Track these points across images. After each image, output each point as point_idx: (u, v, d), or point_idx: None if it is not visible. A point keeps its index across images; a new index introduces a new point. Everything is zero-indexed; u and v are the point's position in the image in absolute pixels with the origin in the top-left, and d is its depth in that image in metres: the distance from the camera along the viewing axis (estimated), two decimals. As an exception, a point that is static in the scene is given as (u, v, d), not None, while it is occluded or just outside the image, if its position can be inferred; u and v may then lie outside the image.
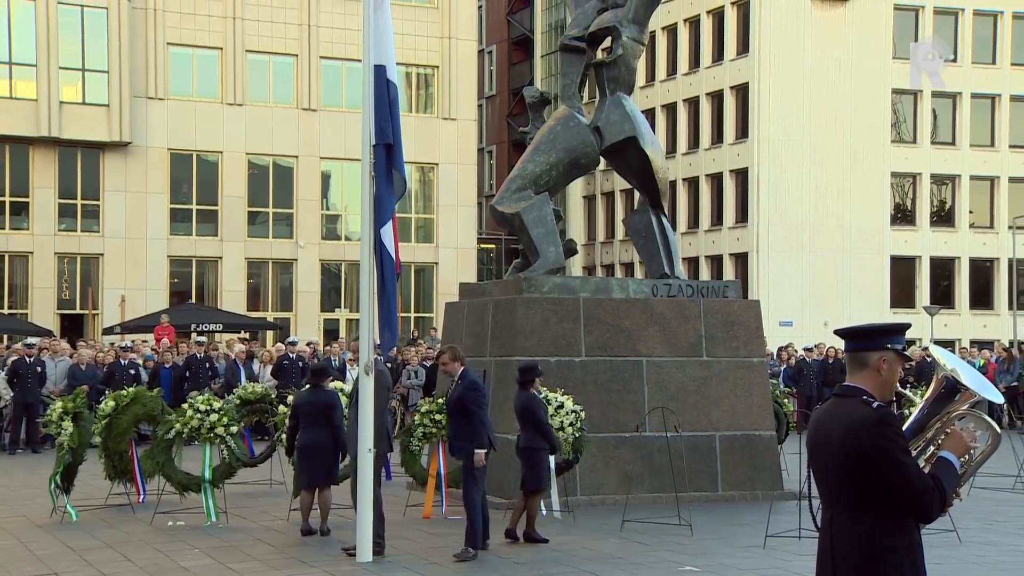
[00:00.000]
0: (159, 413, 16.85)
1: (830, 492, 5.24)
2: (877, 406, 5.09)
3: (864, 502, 5.07)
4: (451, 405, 13.59)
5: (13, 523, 16.02)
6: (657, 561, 13.11)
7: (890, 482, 4.98)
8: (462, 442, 13.35)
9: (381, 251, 12.96)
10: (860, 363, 5.27)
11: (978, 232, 59.47)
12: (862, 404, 5.12)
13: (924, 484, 4.99)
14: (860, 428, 5.04)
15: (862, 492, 5.07)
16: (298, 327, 46.29)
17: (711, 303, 18.69)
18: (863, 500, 5.07)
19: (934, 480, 5.02)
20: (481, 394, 13.44)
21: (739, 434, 18.26)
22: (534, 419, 14.04)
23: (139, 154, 47.01)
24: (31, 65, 45.42)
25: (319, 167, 49.70)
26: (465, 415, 13.25)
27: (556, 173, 19.19)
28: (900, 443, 5.02)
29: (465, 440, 13.28)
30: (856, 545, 5.08)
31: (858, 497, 5.08)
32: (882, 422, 5.02)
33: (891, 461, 4.97)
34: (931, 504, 5.00)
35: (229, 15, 48.23)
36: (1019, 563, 13.32)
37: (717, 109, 59.35)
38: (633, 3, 19.30)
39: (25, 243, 46.03)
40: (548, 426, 14.33)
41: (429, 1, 51.23)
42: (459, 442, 13.42)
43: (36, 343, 29.31)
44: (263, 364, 30.07)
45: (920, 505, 5.00)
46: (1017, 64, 59.77)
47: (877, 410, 5.06)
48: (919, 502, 4.99)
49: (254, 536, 14.61)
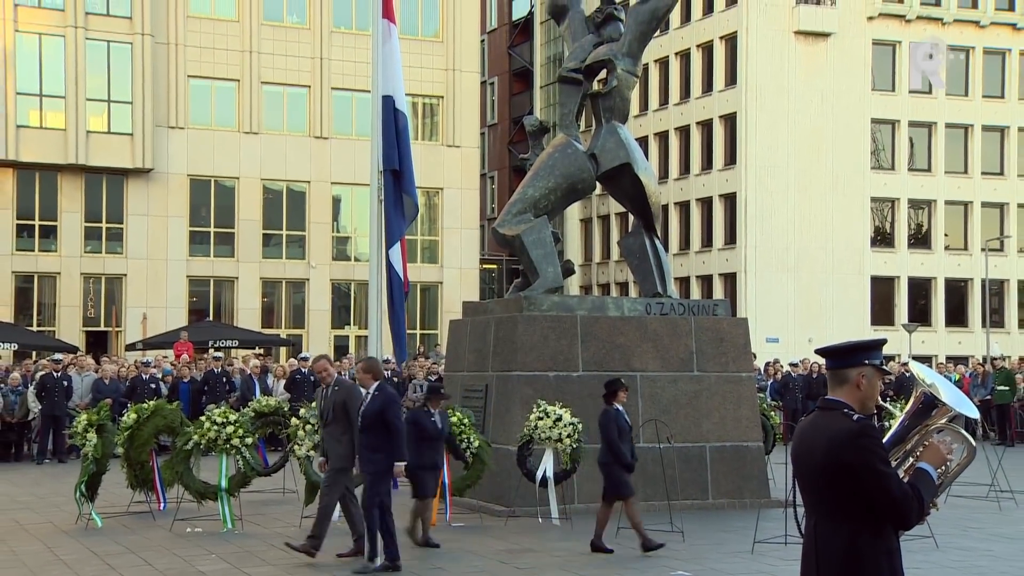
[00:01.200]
0: (178, 425, 16.82)
1: (813, 500, 5.22)
2: (857, 419, 5.08)
3: (845, 510, 5.05)
4: (368, 418, 12.64)
5: (41, 529, 16.01)
6: (650, 566, 13.06)
7: (870, 491, 4.97)
8: (376, 455, 12.50)
9: (390, 271, 12.94)
10: (841, 379, 5.26)
11: (953, 254, 59.47)
12: (843, 417, 5.10)
13: (903, 493, 4.98)
14: (841, 440, 5.02)
15: (843, 500, 5.05)
16: (310, 343, 46.24)
17: (701, 321, 18.67)
18: (844, 508, 5.05)
19: (912, 489, 5.01)
20: (399, 406, 12.94)
21: (728, 445, 18.22)
22: (604, 435, 13.82)
23: (160, 180, 47.06)
24: (60, 97, 45.55)
25: (330, 192, 49.73)
26: (383, 428, 12.48)
27: (554, 197, 19.17)
28: (879, 454, 5.01)
29: (379, 453, 12.49)
30: (838, 550, 5.06)
31: (839, 505, 5.07)
32: (862, 434, 5.01)
33: (871, 471, 4.96)
34: (909, 512, 4.99)
35: (246, 49, 48.33)
36: (993, 567, 13.27)
37: (707, 137, 59.40)
38: (627, 37, 19.32)
39: (53, 264, 46.06)
40: (617, 443, 13.79)
41: (434, 35, 51.33)
42: (373, 454, 12.52)
43: (63, 359, 29.29)
44: (277, 379, 30.03)
45: (898, 513, 4.99)
46: (988, 96, 59.90)
47: (857, 423, 5.05)
48: (897, 510, 4.98)
49: (268, 542, 14.56)
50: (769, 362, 34.87)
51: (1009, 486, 19.48)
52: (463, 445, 16.20)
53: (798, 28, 56.50)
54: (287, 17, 49.46)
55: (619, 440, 13.79)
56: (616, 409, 13.98)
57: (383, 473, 12.56)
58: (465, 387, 18.79)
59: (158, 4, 46.83)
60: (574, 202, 21.66)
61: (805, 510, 5.28)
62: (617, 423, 13.90)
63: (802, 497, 5.33)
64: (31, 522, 16.72)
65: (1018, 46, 60.28)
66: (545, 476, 16.18)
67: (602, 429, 13.89)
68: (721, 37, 58.13)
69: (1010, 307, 60.38)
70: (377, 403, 12.62)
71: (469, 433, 16.24)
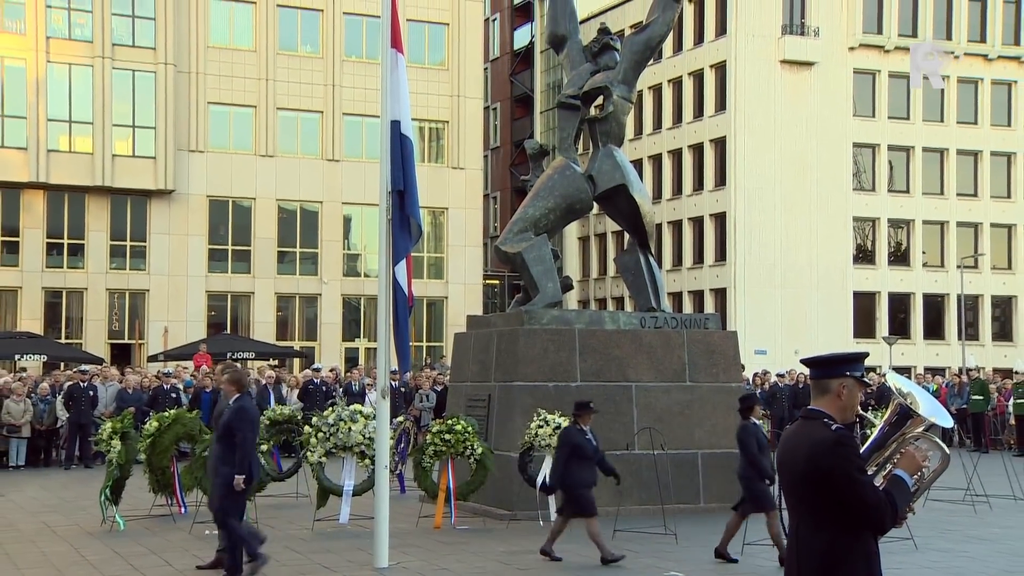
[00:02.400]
0: (197, 432, 16.81)
1: (795, 505, 5.21)
2: (836, 428, 5.06)
3: (825, 514, 5.03)
4: (220, 429, 12.09)
5: (68, 531, 15.98)
6: (645, 566, 13.02)
7: (846, 497, 4.95)
8: (224, 467, 11.86)
9: (395, 287, 12.91)
10: (823, 389, 5.24)
11: (930, 271, 59.44)
12: (823, 427, 5.08)
13: (877, 499, 4.96)
14: (820, 448, 5.01)
15: (823, 505, 5.03)
16: (322, 355, 46.21)
17: (693, 334, 18.64)
18: (824, 513, 5.03)
19: (887, 495, 5.00)
20: (249, 421, 12.15)
21: (719, 452, 18.17)
22: (743, 448, 13.41)
23: (181, 201, 47.11)
24: (88, 123, 45.66)
25: (341, 211, 49.74)
26: (230, 440, 11.91)
27: (554, 217, 19.17)
28: (855, 462, 4.99)
29: (228, 466, 11.84)
30: (818, 553, 5.04)
31: (819, 510, 5.05)
32: (839, 443, 4.99)
33: (847, 478, 4.94)
34: (883, 517, 4.98)
35: (262, 77, 48.42)
36: (969, 567, 13.23)
37: (698, 160, 59.44)
38: (623, 66, 19.34)
39: (80, 280, 46.09)
40: (757, 456, 13.28)
41: (440, 64, 51.41)
42: (222, 466, 11.89)
43: (89, 370, 29.30)
44: (290, 388, 29.99)
45: (873, 518, 4.97)
46: (962, 122, 59.98)
47: (835, 432, 5.03)
48: (872, 515, 4.96)
49: (282, 544, 14.50)
50: (758, 373, 34.79)
51: (984, 491, 19.48)
52: (467, 452, 16.15)
53: (784, 57, 56.58)
54: (301, 47, 49.54)
55: (759, 453, 13.32)
56: (754, 423, 13.64)
57: (231, 485, 11.86)
58: (469, 397, 18.76)
59: (180, 35, 46.96)
60: (572, 221, 21.65)
61: (788, 514, 5.27)
62: (756, 437, 13.45)
63: (785, 501, 5.32)
64: (59, 524, 16.70)
65: (990, 76, 60.37)
66: (544, 481, 16.13)
67: (742, 444, 13.45)
68: (711, 66, 58.21)
69: (984, 321, 60.33)
70: (229, 415, 12.04)
71: (473, 440, 16.20)
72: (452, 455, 16.12)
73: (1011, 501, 19.19)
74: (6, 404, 26.40)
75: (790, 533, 5.27)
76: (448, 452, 16.19)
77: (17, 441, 26.88)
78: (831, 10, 57.67)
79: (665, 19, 19.56)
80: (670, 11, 19.55)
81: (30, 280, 45.41)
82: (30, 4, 44.90)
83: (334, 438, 15.90)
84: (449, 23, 51.55)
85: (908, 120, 59.05)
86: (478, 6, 53.13)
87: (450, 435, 16.07)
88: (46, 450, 27.87)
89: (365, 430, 15.70)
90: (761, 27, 56.65)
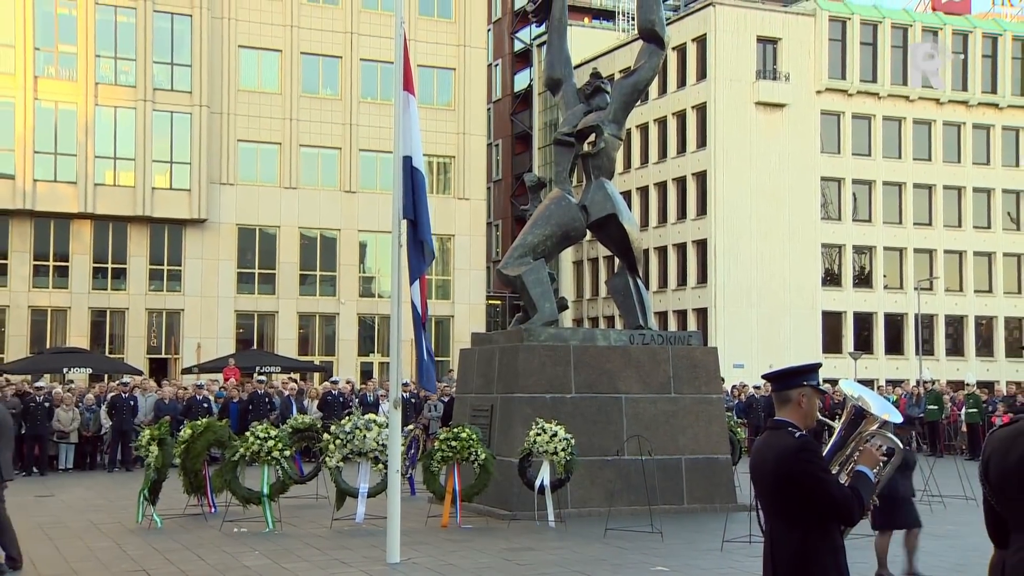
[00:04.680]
0: (227, 439, 16.75)
1: (767, 506, 5.23)
2: (799, 435, 5.08)
3: (794, 514, 5.04)
4: None
5: (111, 528, 15.93)
6: (634, 563, 12.93)
7: (814, 496, 4.96)
8: None
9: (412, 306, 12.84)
10: (784, 399, 5.27)
11: (890, 292, 59.40)
12: (788, 435, 5.10)
13: (843, 494, 4.98)
14: (786, 454, 5.02)
15: (792, 506, 5.03)
16: (339, 369, 46.12)
17: (677, 350, 18.58)
18: (793, 513, 5.04)
19: (853, 490, 5.02)
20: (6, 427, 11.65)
21: (701, 457, 18.09)
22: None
23: (213, 229, 47.12)
24: (130, 159, 45.83)
25: (357, 238, 49.74)
26: None
27: (551, 243, 19.13)
28: (819, 464, 5.01)
29: None
30: (789, 550, 5.04)
31: (789, 510, 5.06)
32: (803, 448, 5.01)
33: (813, 478, 4.95)
34: (851, 510, 4.99)
35: (287, 117, 48.51)
36: (926, 561, 13.12)
37: (681, 191, 59.45)
38: (613, 106, 19.35)
39: (122, 301, 46.08)
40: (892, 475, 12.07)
41: (447, 104, 51.48)
42: None
43: (130, 382, 29.23)
44: (311, 399, 29.91)
45: (841, 511, 4.98)
46: (918, 159, 60.05)
47: (799, 439, 5.06)
48: (840, 509, 4.97)
49: (303, 541, 14.44)
50: (736, 385, 34.76)
51: (939, 491, 19.44)
52: (471, 458, 16.06)
53: (758, 99, 56.66)
54: (322, 89, 49.62)
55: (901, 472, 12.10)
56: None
57: None
58: (473, 407, 18.69)
59: (213, 80, 47.08)
60: (567, 247, 21.61)
61: (763, 516, 5.25)
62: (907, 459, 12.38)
63: (759, 503, 5.30)
64: (103, 522, 16.64)
65: (941, 118, 60.52)
66: (542, 484, 16.05)
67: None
68: (693, 106, 58.28)
69: (938, 338, 60.29)
70: None
71: (477, 447, 16.12)
72: (458, 460, 16.04)
73: (963, 501, 19.11)
74: (56, 413, 26.39)
75: (765, 534, 5.27)
76: (454, 457, 16.11)
77: (66, 446, 26.88)
78: (800, 58, 57.85)
79: (651, 65, 19.58)
80: (655, 58, 19.57)
81: (78, 301, 45.44)
82: (81, 54, 45.32)
83: (351, 445, 15.84)
84: (456, 68, 51.65)
85: (870, 157, 59.15)
86: (482, 53, 53.21)
87: (456, 442, 16.00)
88: (91, 454, 27.80)
89: (379, 437, 15.63)
90: (737, 73, 56.78)
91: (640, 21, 19.91)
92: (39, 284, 45.30)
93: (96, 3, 45.56)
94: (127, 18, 46.15)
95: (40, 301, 45.23)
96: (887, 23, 59.56)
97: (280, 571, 12.27)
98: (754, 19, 57.63)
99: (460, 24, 51.87)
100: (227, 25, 47.81)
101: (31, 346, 44.33)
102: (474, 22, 52.31)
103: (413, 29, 48.38)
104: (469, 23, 52.05)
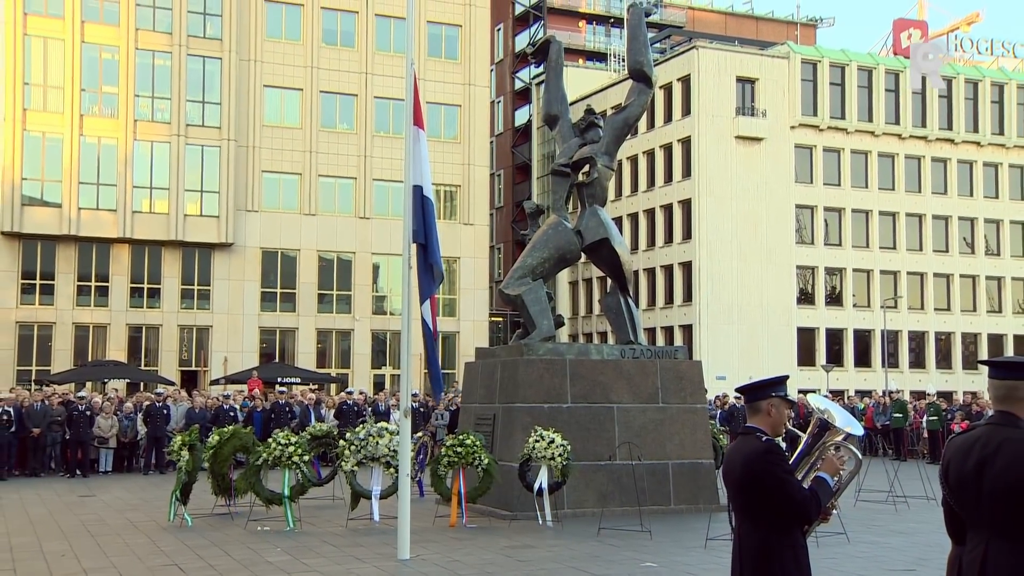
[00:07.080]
0: (251, 445, 16.70)
1: (736, 507, 5.21)
2: (766, 440, 5.08)
3: (759, 514, 5.03)
4: None
5: (146, 526, 15.88)
6: (625, 559, 12.87)
7: (776, 495, 4.95)
8: None
9: (423, 323, 12.79)
10: (755, 409, 5.27)
11: (859, 310, 59.37)
12: (756, 439, 5.10)
13: (803, 495, 4.98)
14: (753, 457, 5.03)
15: (757, 507, 5.02)
16: (354, 380, 46.07)
17: (665, 363, 18.54)
18: (758, 513, 5.03)
19: (812, 493, 5.03)
20: None
21: (686, 462, 18.04)
22: None
23: (239, 252, 47.16)
24: (165, 188, 45.96)
25: (371, 260, 49.74)
26: None
27: (548, 265, 19.13)
28: (783, 467, 5.00)
29: None
30: (754, 547, 5.03)
31: (754, 510, 5.05)
32: (768, 451, 5.01)
33: (776, 479, 4.95)
34: (809, 510, 4.98)
35: (307, 149, 48.61)
36: (891, 556, 13.09)
37: (668, 217, 59.50)
38: (605, 139, 19.37)
39: (157, 318, 46.10)
40: None
41: (453, 138, 51.58)
42: None
43: (163, 392, 29.21)
44: (328, 408, 29.81)
45: (800, 511, 4.97)
46: (883, 188, 60.14)
47: (765, 444, 5.05)
48: (798, 509, 4.96)
49: (321, 539, 14.39)
50: (718, 395, 34.64)
51: (903, 492, 19.43)
52: (475, 462, 15.99)
53: (738, 133, 56.78)
54: (339, 124, 49.72)
55: None
56: None
57: None
58: (477, 416, 18.65)
59: (240, 115, 47.22)
60: (564, 269, 21.60)
61: (734, 516, 5.24)
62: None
63: (732, 506, 5.29)
64: (139, 520, 16.58)
65: (904, 151, 60.66)
66: (541, 487, 16.00)
67: None
68: (678, 140, 58.41)
69: (903, 352, 60.23)
70: None
71: (480, 453, 16.07)
72: (463, 465, 15.99)
73: (925, 501, 19.07)
74: (97, 420, 26.37)
75: (734, 531, 5.26)
76: (460, 462, 16.06)
77: (105, 451, 26.85)
78: (775, 96, 58.00)
79: (640, 102, 19.61)
80: (644, 95, 19.61)
81: (116, 318, 45.46)
82: (122, 94, 45.59)
83: (364, 450, 15.79)
84: (461, 104, 51.75)
85: (839, 186, 59.26)
86: (485, 91, 53.33)
87: (461, 448, 15.95)
88: (129, 459, 27.73)
89: (390, 444, 15.58)
90: (719, 109, 56.92)
91: (630, 62, 19.96)
92: (82, 303, 45.33)
93: (136, 48, 45.83)
94: (163, 61, 46.36)
95: (83, 318, 45.25)
96: (854, 65, 59.76)
97: (300, 566, 12.22)
98: (734, 61, 57.81)
99: (465, 64, 52.00)
100: (253, 67, 47.97)
101: (75, 359, 44.38)
102: (478, 63, 52.43)
103: (422, 69, 48.52)
104: (473, 64, 52.17)
